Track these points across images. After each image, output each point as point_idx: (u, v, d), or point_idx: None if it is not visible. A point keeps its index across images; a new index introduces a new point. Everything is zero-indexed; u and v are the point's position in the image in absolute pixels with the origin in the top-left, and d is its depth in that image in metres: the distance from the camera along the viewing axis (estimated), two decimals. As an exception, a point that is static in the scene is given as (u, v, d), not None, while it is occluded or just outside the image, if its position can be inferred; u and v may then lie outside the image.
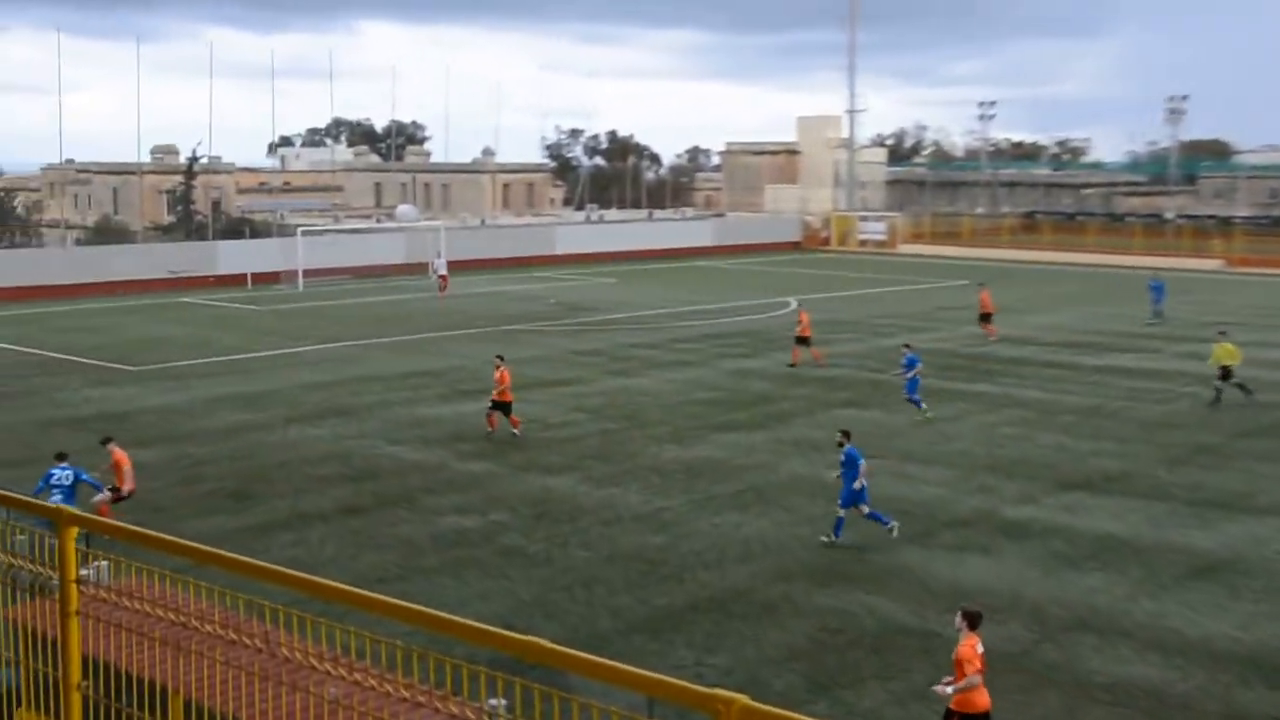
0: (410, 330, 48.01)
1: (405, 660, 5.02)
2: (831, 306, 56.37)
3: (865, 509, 21.31)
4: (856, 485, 21.07)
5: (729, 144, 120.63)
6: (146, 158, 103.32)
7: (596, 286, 66.20)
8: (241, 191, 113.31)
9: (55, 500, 20.17)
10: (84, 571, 5.82)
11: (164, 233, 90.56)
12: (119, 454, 21.97)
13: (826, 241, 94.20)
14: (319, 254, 66.75)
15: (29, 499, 6.16)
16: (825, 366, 38.71)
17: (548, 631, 16.96)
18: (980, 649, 12.85)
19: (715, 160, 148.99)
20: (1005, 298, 60.20)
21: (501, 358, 30.71)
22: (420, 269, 67.91)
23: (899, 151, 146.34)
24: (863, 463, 21.25)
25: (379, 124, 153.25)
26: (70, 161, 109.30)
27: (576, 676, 4.12)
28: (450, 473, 26.24)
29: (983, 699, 12.85)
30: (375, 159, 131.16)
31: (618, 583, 19.39)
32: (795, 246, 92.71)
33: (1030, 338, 46.12)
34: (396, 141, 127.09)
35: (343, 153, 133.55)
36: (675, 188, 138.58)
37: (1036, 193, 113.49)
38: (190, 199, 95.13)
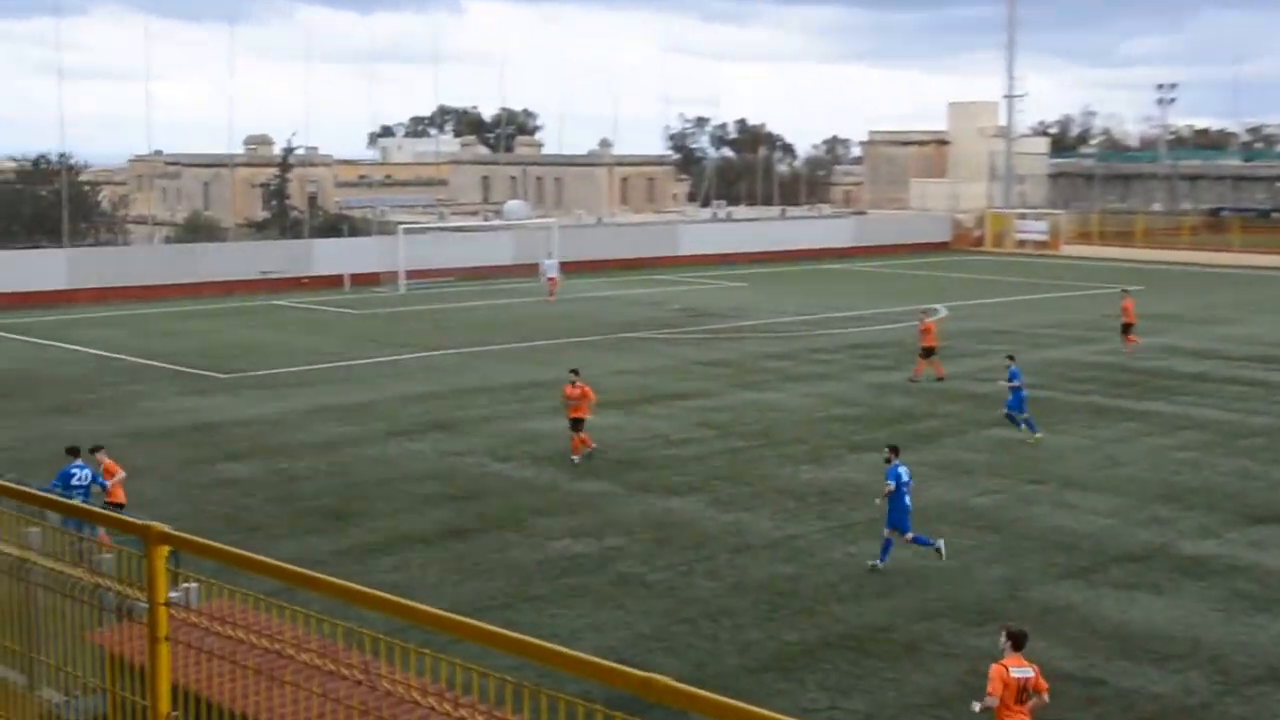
0: (519, 337, 48.48)
1: (515, 696, 5.08)
2: (984, 315, 55.65)
3: (909, 535, 21.42)
4: (904, 502, 21.33)
5: (871, 133, 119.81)
6: (239, 149, 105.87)
7: (724, 290, 66.16)
8: (339, 185, 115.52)
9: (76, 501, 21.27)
10: (173, 594, 5.98)
11: (257, 230, 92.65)
12: (110, 464, 22.63)
13: (979, 242, 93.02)
14: (422, 253, 67.75)
15: (120, 516, 6.35)
16: (916, 382, 38.23)
17: (668, 668, 16.98)
18: (1019, 674, 13.04)
19: (856, 152, 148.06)
20: (1185, 306, 58.76)
21: (577, 372, 30.14)
22: (530, 270, 68.57)
23: (1064, 141, 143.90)
24: (895, 482, 21.25)
25: (487, 112, 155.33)
26: (158, 153, 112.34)
27: (699, 718, 4.14)
28: (562, 493, 26.44)
29: None
30: (483, 150, 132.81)
31: (745, 616, 19.36)
32: (944, 247, 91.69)
33: (1213, 350, 45.04)
34: (506, 131, 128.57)
35: (448, 143, 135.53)
36: (811, 182, 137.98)
37: (1223, 186, 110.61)
38: (285, 194, 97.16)
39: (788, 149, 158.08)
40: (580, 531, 23.75)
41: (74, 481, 21.28)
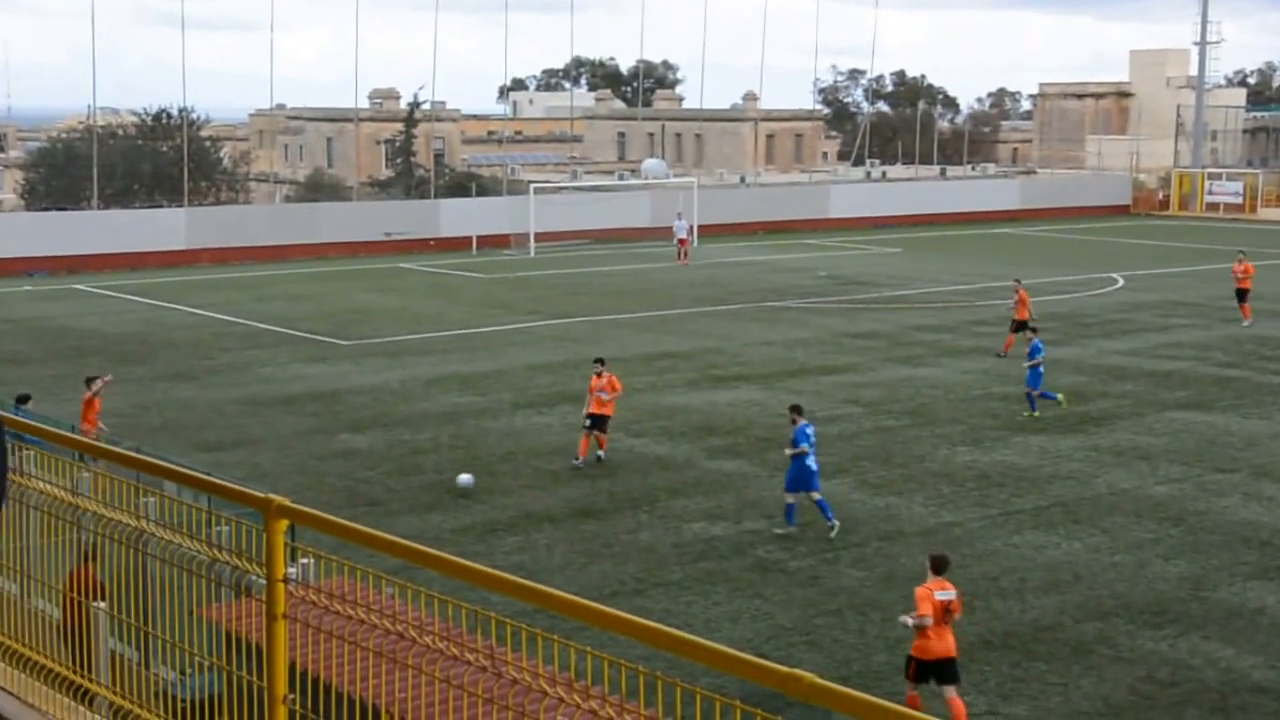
0: (655, 305, 48.60)
1: (647, 687, 5.09)
2: (1166, 286, 54.48)
3: (817, 495, 22.65)
4: (808, 464, 22.61)
5: (1043, 85, 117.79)
6: (364, 104, 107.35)
7: (877, 257, 65.61)
8: (467, 142, 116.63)
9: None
10: (291, 570, 6.10)
11: (380, 189, 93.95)
12: (93, 397, 24.83)
13: (1164, 205, 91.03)
14: (554, 215, 68.24)
15: (236, 486, 6.49)
16: (1004, 357, 37.34)
17: (811, 663, 16.96)
18: (942, 596, 15.11)
19: (1025, 106, 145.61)
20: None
21: (602, 361, 28.18)
22: (669, 234, 68.70)
23: (1263, 93, 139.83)
24: (805, 444, 22.44)
25: (624, 64, 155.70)
26: (281, 107, 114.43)
27: (844, 718, 4.12)
28: (699, 471, 26.50)
29: (937, 646, 15.06)
30: (619, 105, 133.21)
31: (897, 609, 19.20)
32: (1124, 211, 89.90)
33: None
34: (644, 85, 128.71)
35: (583, 98, 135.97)
36: (975, 139, 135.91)
37: None
38: (411, 150, 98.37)
39: (949, 103, 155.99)
40: (717, 514, 23.78)
41: None
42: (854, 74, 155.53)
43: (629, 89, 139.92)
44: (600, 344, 40.37)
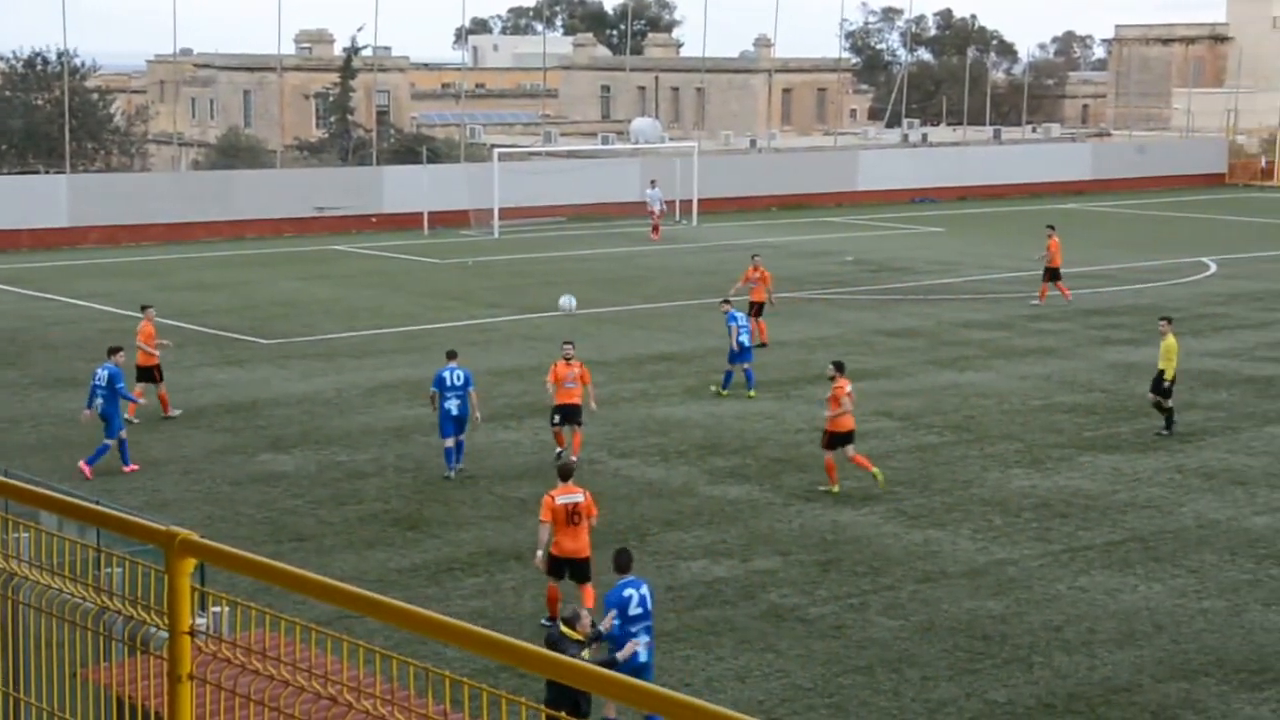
0: (646, 296, 48.64)
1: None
2: (1269, 273, 54.62)
3: (746, 365, 32.29)
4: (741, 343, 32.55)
5: (1120, 29, 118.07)
6: (289, 49, 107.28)
7: (916, 237, 65.67)
8: (417, 97, 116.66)
9: (97, 405, 27.77)
10: (199, 620, 6.08)
11: (311, 153, 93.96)
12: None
13: (1268, 173, 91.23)
14: (522, 187, 68.11)
15: (131, 517, 6.48)
16: (1070, 301, 38.88)
17: (834, 733, 16.95)
18: (565, 500, 19.81)
19: (1098, 53, 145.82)
20: None
21: (572, 344, 29.46)
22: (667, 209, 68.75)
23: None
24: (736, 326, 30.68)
25: (609, 2, 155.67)
26: (187, 53, 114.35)
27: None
28: (699, 499, 26.51)
29: (568, 545, 19.89)
30: (603, 52, 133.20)
31: (938, 665, 19.27)
32: (1218, 181, 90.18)
33: None
34: (633, 27, 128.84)
35: (558, 43, 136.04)
36: (1036, 94, 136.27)
37: None
38: (348, 107, 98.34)
39: (1006, 50, 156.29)
40: (721, 550, 23.79)
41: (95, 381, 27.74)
42: (889, 14, 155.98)
43: (615, 33, 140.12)
44: (578, 343, 40.34)
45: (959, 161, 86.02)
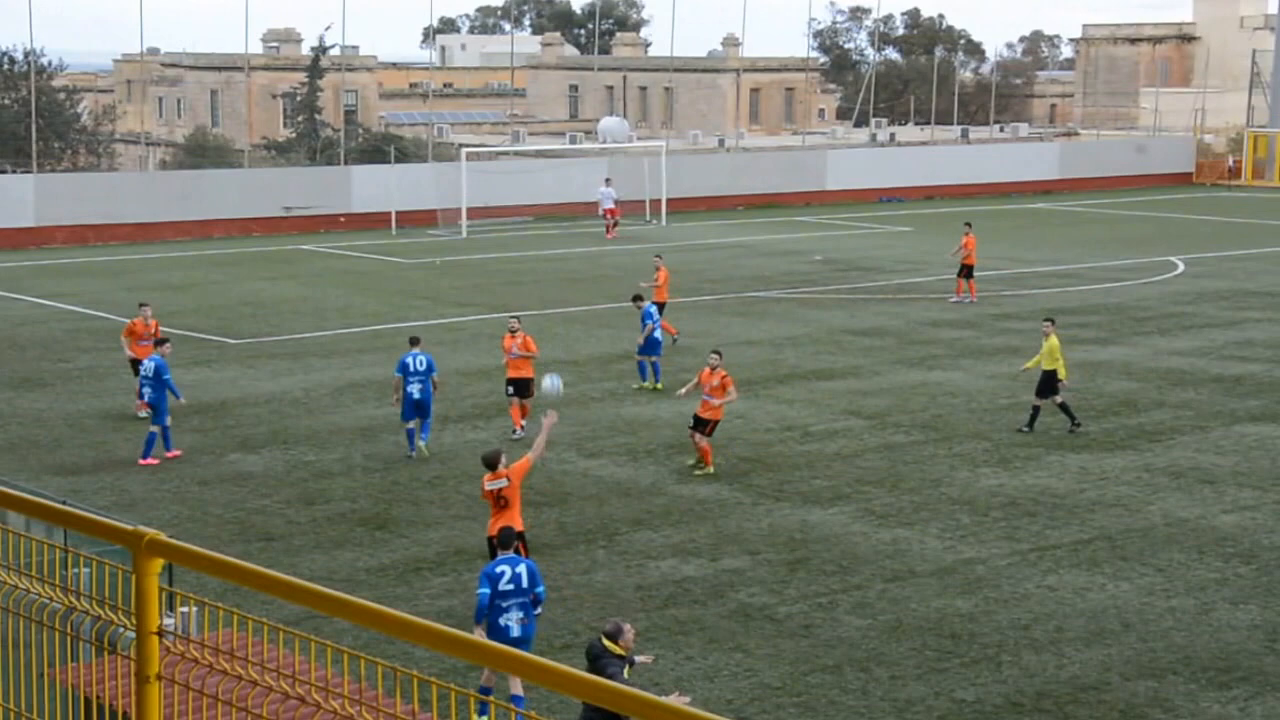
0: (613, 296, 48.56)
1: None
2: (1236, 272, 54.79)
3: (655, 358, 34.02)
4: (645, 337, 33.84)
5: (1087, 28, 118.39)
6: (257, 48, 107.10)
7: (884, 237, 65.75)
8: (385, 96, 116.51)
9: (145, 397, 29.13)
10: (167, 620, 6.06)
11: (279, 153, 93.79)
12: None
13: (1235, 173, 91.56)
14: (490, 186, 68.14)
15: (99, 517, 6.46)
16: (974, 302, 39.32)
17: (803, 732, 16.96)
18: (493, 485, 20.67)
19: (1066, 52, 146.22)
20: None
21: (518, 318, 32.18)
22: (633, 209, 68.68)
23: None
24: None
25: (577, 2, 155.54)
26: (154, 52, 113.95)
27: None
28: (667, 498, 26.51)
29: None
30: (571, 52, 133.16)
31: (906, 664, 19.30)
32: (1185, 181, 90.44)
33: None
34: (601, 26, 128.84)
35: (526, 42, 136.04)
36: (1004, 94, 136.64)
37: None
38: (316, 107, 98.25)
39: (973, 49, 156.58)
40: (689, 549, 23.79)
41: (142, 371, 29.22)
42: (857, 13, 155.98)
43: (583, 32, 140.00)
44: (547, 343, 40.36)
45: (927, 161, 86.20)
